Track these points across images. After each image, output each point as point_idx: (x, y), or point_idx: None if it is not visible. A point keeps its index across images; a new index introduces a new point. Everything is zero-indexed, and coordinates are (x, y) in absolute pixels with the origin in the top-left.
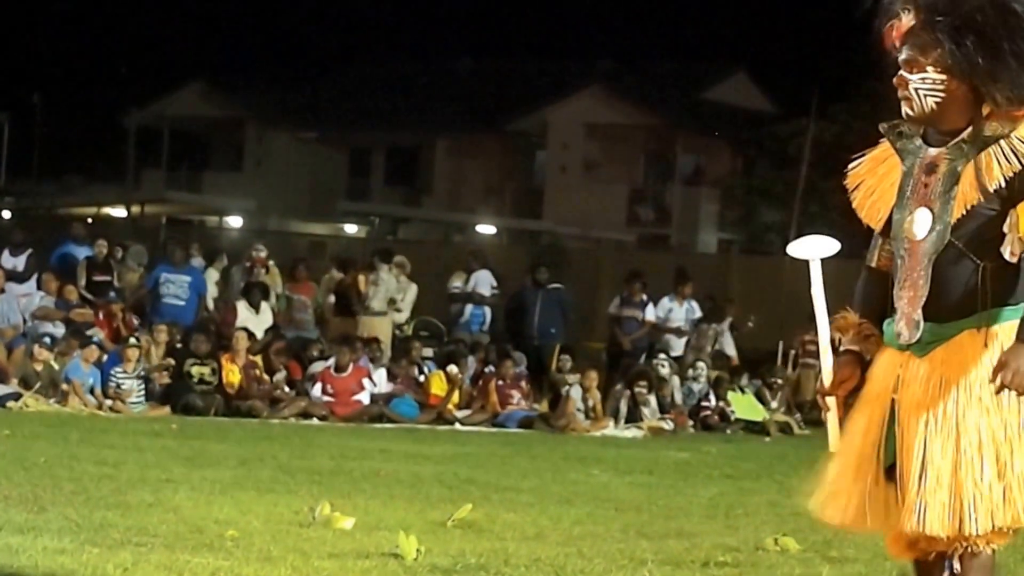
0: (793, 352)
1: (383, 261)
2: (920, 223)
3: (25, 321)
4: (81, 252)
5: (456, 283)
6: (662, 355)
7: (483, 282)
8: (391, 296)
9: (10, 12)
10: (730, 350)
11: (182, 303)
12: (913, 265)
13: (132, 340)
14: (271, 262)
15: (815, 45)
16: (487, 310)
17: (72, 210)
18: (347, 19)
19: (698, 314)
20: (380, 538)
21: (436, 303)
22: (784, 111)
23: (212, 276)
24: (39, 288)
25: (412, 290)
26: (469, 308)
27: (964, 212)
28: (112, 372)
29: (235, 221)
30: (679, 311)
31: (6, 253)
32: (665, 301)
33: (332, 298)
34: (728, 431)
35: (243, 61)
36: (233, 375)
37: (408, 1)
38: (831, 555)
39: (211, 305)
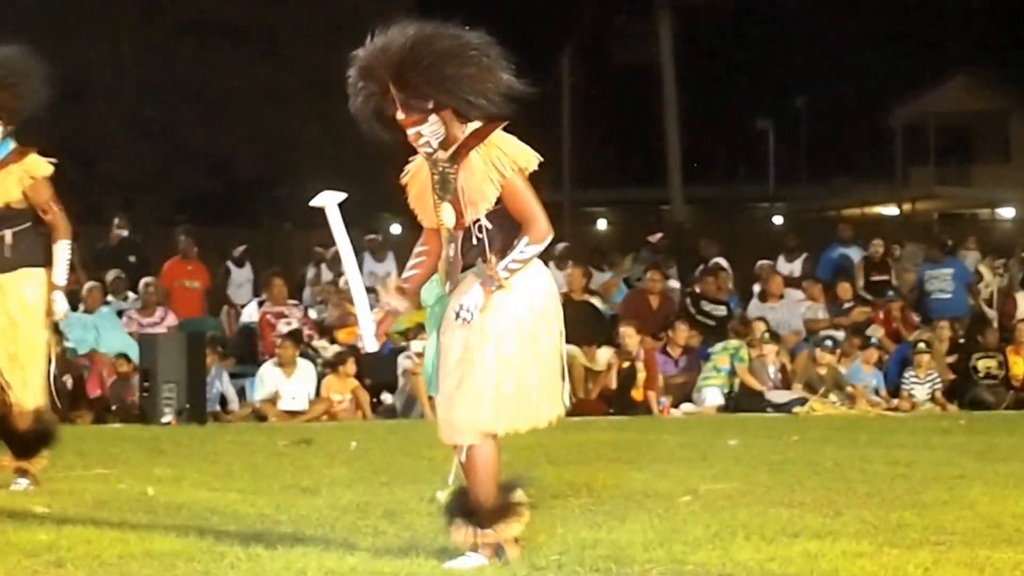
0: None
1: None
2: None
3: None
4: (853, 253)
5: None
6: None
7: None
8: None
9: (768, 20)
10: None
11: (948, 296)
12: None
13: (921, 345)
14: None
15: None
16: None
17: (842, 211)
18: None
19: None
20: None
21: None
22: None
23: (987, 269)
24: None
25: None
26: None
27: None
28: (904, 377)
29: (1007, 212)
30: None
31: (781, 259)
32: None
33: None
34: None
35: (1004, 51)
36: (1018, 367)
37: None
38: None
39: (985, 297)
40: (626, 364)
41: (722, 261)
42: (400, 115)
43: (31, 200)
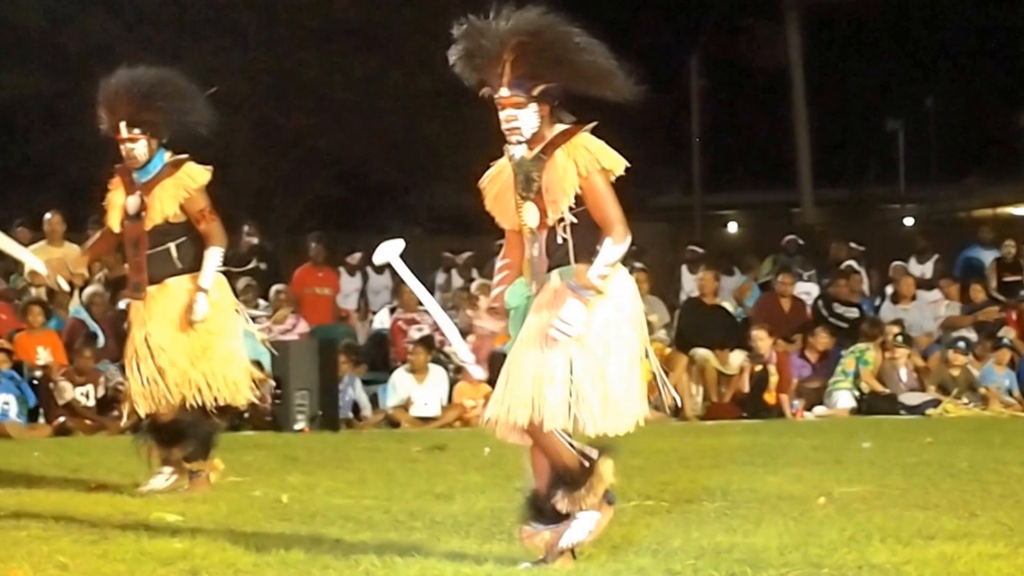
0: None
1: None
2: None
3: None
4: (986, 255)
5: None
6: None
7: None
8: None
9: (896, 20)
10: None
11: None
12: None
13: None
14: None
15: None
16: None
17: (973, 212)
18: None
19: None
20: None
21: None
22: None
23: None
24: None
25: None
26: None
27: None
28: None
29: None
30: None
31: (913, 260)
32: None
33: None
34: None
35: None
36: None
37: None
38: None
39: None
40: (758, 367)
41: (854, 263)
42: (504, 92)
43: (187, 210)
